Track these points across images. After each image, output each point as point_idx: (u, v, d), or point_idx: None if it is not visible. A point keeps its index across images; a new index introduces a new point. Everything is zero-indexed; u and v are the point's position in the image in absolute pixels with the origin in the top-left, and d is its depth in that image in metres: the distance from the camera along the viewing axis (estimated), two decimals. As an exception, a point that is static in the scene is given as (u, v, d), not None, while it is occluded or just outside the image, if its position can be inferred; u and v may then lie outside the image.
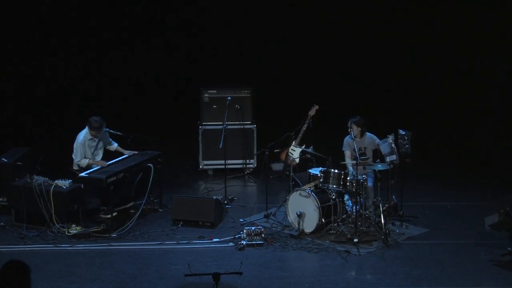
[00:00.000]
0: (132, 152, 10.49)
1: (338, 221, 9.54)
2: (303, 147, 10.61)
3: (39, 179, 9.67)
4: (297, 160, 11.42)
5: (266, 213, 10.17)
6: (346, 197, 9.81)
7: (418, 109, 14.34)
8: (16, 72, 14.31)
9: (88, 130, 10.19)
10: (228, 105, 12.01)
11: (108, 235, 9.44)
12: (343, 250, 8.98)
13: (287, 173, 11.47)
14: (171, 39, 15.05)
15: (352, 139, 9.76)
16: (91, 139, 10.22)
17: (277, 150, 11.84)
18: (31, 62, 14.37)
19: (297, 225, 9.49)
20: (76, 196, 9.73)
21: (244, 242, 9.13)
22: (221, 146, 11.21)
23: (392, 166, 9.47)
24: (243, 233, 9.24)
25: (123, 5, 14.68)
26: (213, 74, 14.16)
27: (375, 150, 9.98)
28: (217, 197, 10.32)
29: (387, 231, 9.27)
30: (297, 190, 9.68)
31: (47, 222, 9.54)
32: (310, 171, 10.01)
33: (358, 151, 9.59)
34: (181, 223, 9.92)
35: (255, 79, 13.31)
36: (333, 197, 9.56)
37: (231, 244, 9.26)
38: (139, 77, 15.03)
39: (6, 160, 10.35)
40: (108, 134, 10.51)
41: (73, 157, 10.30)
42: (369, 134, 10.07)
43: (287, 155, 11.80)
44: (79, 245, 9.19)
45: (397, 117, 13.13)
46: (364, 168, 9.64)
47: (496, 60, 13.96)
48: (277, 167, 12.09)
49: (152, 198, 10.60)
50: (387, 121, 12.23)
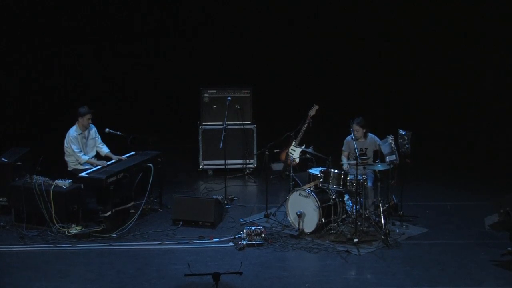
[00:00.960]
0: (119, 157, 10.29)
1: (338, 221, 9.54)
2: (303, 147, 10.61)
3: (39, 179, 9.67)
4: (297, 160, 11.44)
5: (266, 213, 10.17)
6: (346, 197, 9.81)
7: (418, 109, 14.35)
8: (15, 73, 14.32)
9: (77, 125, 10.20)
10: (228, 105, 12.01)
11: (108, 235, 9.44)
12: (343, 250, 8.98)
13: (287, 173, 11.49)
14: (171, 39, 15.06)
15: (353, 139, 9.76)
16: (81, 133, 10.22)
17: (277, 150, 11.86)
18: (31, 62, 14.38)
19: (297, 225, 9.49)
20: (76, 196, 9.73)
21: (244, 242, 9.13)
22: (221, 146, 11.22)
23: (392, 166, 9.47)
24: (243, 233, 9.24)
25: (123, 5, 14.71)
26: (213, 74, 14.16)
27: (376, 151, 9.98)
28: (217, 197, 10.32)
29: (387, 231, 9.27)
30: (297, 190, 9.68)
31: (47, 222, 9.54)
32: (310, 171, 10.01)
33: (359, 151, 9.59)
34: (181, 223, 9.92)
35: (255, 79, 13.32)
36: (333, 197, 9.55)
37: (231, 244, 9.25)
38: (139, 77, 15.04)
39: (6, 160, 10.35)
40: (100, 138, 10.48)
41: (65, 159, 10.29)
42: (370, 134, 10.06)
43: (287, 155, 11.82)
44: (79, 245, 9.19)
45: (397, 117, 13.13)
46: (364, 168, 9.64)
47: (496, 60, 13.97)
48: (277, 167, 12.10)
49: (152, 198, 10.60)
50: (387, 121, 12.23)
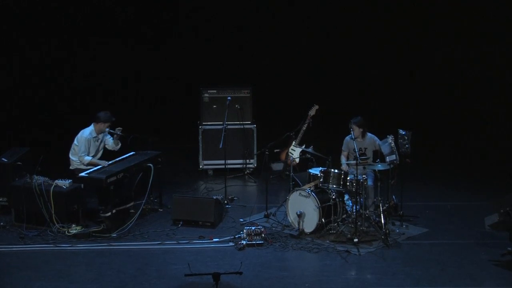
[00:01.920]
0: (107, 162, 10.10)
1: (338, 221, 9.54)
2: (303, 147, 10.61)
3: (39, 179, 9.67)
4: (297, 160, 11.44)
5: (266, 213, 10.17)
6: (346, 197, 9.81)
7: (418, 109, 14.35)
8: (16, 72, 14.32)
9: (94, 128, 10.19)
10: (228, 105, 12.01)
11: (108, 235, 9.44)
12: (343, 250, 8.98)
13: (287, 173, 11.49)
14: (171, 39, 15.05)
15: (352, 139, 9.76)
16: (95, 137, 10.21)
17: (277, 150, 11.86)
18: (31, 62, 14.38)
19: (297, 225, 9.49)
20: (76, 196, 9.73)
21: (244, 242, 9.13)
22: (221, 146, 11.22)
23: (392, 166, 9.47)
24: (243, 233, 9.24)
25: (123, 5, 14.71)
26: (213, 74, 14.16)
27: (376, 151, 9.98)
28: (217, 197, 10.32)
29: (387, 231, 9.27)
30: (297, 190, 9.68)
31: (47, 222, 9.54)
32: (310, 171, 10.01)
33: (358, 151, 9.59)
34: (181, 223, 9.92)
35: (255, 79, 13.32)
36: (333, 197, 9.56)
37: (231, 244, 9.26)
38: (139, 77, 15.03)
39: (6, 160, 10.35)
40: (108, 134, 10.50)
41: (70, 157, 10.27)
42: (370, 134, 10.07)
43: (287, 155, 11.82)
44: (79, 245, 9.19)
45: (397, 117, 13.13)
46: (364, 168, 9.64)
47: (496, 59, 13.97)
48: (277, 167, 12.10)
49: (152, 198, 10.60)
50: (387, 121, 12.23)
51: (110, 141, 10.42)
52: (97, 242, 9.29)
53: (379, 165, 9.47)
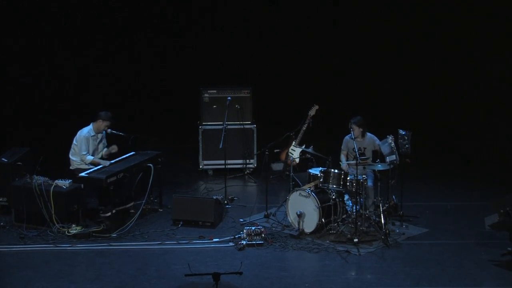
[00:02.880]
0: (109, 162, 10.13)
1: (338, 221, 9.54)
2: (303, 147, 10.61)
3: (39, 179, 9.67)
4: (297, 160, 11.44)
5: (266, 213, 10.17)
6: (346, 197, 9.81)
7: (418, 109, 14.35)
8: (15, 72, 14.32)
9: (92, 127, 10.19)
10: (228, 105, 12.01)
11: (108, 235, 9.44)
12: (343, 250, 8.98)
13: (287, 173, 11.49)
14: (172, 39, 15.05)
15: (352, 138, 9.76)
16: (93, 136, 10.21)
17: (277, 150, 11.86)
18: (31, 61, 14.38)
19: (297, 225, 9.49)
20: (76, 196, 9.73)
21: (244, 242, 9.13)
22: (221, 146, 11.22)
23: (392, 166, 9.47)
24: (243, 233, 9.24)
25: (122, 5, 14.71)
26: (213, 74, 14.16)
27: (375, 151, 9.97)
28: (217, 197, 10.32)
29: (387, 231, 9.27)
30: (297, 190, 9.68)
31: (47, 222, 9.54)
32: (310, 171, 10.01)
33: (358, 151, 9.59)
34: (181, 223, 9.92)
35: (255, 79, 13.32)
36: (333, 197, 9.56)
37: (231, 244, 9.26)
38: (139, 77, 15.03)
39: (6, 160, 10.35)
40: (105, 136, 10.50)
41: (70, 157, 10.27)
42: (369, 134, 10.07)
43: (287, 155, 11.82)
44: (79, 245, 9.19)
45: (397, 117, 13.13)
46: (364, 168, 9.65)
47: (496, 59, 13.96)
48: (277, 167, 12.10)
49: (152, 198, 10.60)
50: (387, 121, 12.23)
51: (104, 149, 10.43)
52: (97, 242, 9.29)
53: (379, 165, 9.47)
